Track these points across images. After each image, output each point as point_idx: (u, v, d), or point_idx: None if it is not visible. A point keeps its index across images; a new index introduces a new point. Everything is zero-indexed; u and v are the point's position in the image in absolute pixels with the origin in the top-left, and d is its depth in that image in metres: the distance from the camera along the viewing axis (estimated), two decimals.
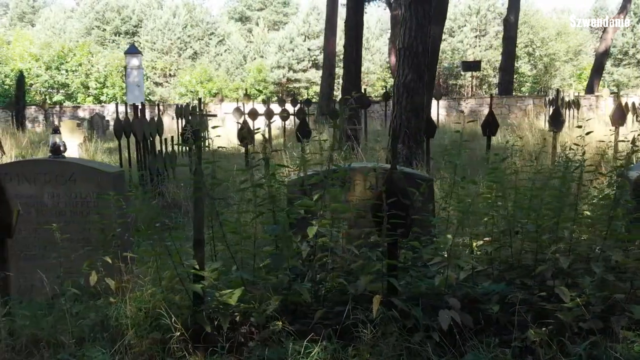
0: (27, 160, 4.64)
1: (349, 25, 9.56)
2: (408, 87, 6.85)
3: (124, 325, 3.06)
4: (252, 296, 2.93)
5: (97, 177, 4.55)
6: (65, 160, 4.64)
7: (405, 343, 2.76)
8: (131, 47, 25.59)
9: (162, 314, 3.03)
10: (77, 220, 4.56)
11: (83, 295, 3.63)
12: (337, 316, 2.98)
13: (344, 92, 9.76)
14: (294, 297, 3.01)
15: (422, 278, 3.07)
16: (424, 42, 6.87)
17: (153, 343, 2.94)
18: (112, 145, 14.09)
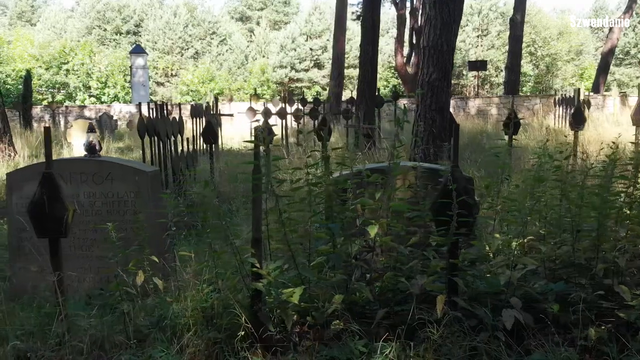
0: (63, 159, 4.61)
1: (366, 25, 9.53)
2: (433, 86, 6.83)
3: (182, 325, 3.04)
4: (313, 295, 2.90)
5: (135, 176, 4.52)
6: (102, 160, 4.60)
7: (472, 343, 2.74)
8: (136, 46, 25.54)
9: (221, 313, 3.01)
10: (113, 220, 4.52)
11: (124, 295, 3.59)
12: (398, 316, 2.97)
13: (360, 92, 9.74)
14: (353, 297, 2.99)
15: (481, 277, 3.05)
16: (449, 40, 6.86)
17: (213, 343, 2.92)
18: (121, 145, 14.06)
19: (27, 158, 10.85)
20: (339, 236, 2.98)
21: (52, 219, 2.98)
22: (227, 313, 2.99)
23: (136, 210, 4.51)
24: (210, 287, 3.12)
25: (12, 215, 4.56)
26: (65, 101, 31.13)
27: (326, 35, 40.56)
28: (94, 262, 4.55)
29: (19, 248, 4.58)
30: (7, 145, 10.93)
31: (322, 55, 40.19)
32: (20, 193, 4.54)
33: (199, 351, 2.90)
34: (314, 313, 2.94)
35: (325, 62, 40.31)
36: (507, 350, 2.75)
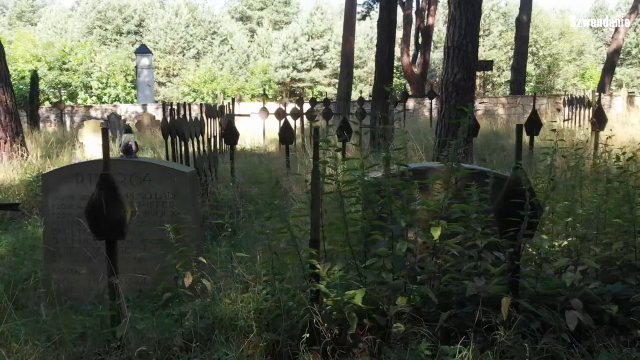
0: (99, 160, 4.56)
1: (382, 25, 9.52)
2: (457, 86, 6.82)
3: (240, 327, 3.02)
4: (375, 297, 2.88)
5: (174, 177, 4.49)
6: (141, 160, 4.58)
7: (539, 345, 2.72)
8: (142, 46, 25.46)
9: (280, 315, 2.99)
10: (151, 221, 4.50)
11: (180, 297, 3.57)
12: (457, 318, 2.95)
13: (376, 92, 9.72)
14: (414, 299, 2.97)
15: (541, 279, 3.03)
16: (474, 40, 6.85)
17: (273, 345, 2.90)
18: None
19: (39, 158, 10.77)
20: (400, 237, 2.96)
21: (110, 220, 2.95)
22: (287, 315, 2.97)
23: (174, 211, 4.49)
24: (267, 289, 3.10)
25: (48, 216, 4.53)
26: (67, 101, 31.02)
27: (328, 35, 40.56)
28: (130, 263, 4.52)
29: (55, 250, 4.55)
30: (20, 145, 10.87)
31: (324, 55, 40.18)
32: (56, 194, 4.51)
33: (259, 353, 2.88)
34: (374, 315, 2.92)
35: (327, 62, 40.30)
36: (572, 352, 2.74)
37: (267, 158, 9.63)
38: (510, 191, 2.86)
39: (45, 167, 10.17)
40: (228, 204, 6.53)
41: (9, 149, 10.69)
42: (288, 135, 7.83)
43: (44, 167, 10.11)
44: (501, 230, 2.91)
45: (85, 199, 4.46)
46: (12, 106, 10.82)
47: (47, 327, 3.05)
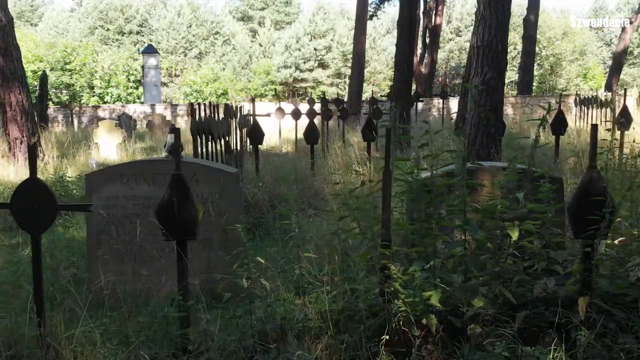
0: (146, 161, 4.55)
1: (402, 24, 9.50)
2: (488, 86, 6.80)
3: (310, 328, 3.00)
4: (455, 299, 2.86)
5: (221, 177, 4.47)
6: (187, 161, 4.55)
7: (618, 344, 2.71)
8: (148, 46, 25.39)
9: (352, 317, 2.97)
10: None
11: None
12: (529, 318, 2.93)
13: (396, 91, 9.71)
14: (490, 300, 2.95)
15: (616, 278, 3.02)
16: (504, 40, 6.84)
17: (345, 346, 2.88)
18: (144, 145, 13.94)
19: (55, 159, 10.71)
20: (479, 238, 2.94)
21: (182, 221, 2.93)
22: (359, 316, 2.95)
23: (221, 211, 4.46)
24: (337, 290, 3.08)
25: (92, 217, 4.49)
26: (68, 101, 30.91)
27: (330, 35, 40.55)
28: (173, 262, 4.49)
29: (98, 251, 4.52)
30: (38, 145, 10.81)
31: (326, 55, 40.17)
32: (99, 194, 4.48)
33: (332, 354, 2.86)
34: (449, 317, 2.90)
35: (330, 62, 40.30)
36: None
37: (286, 158, 9.59)
38: (585, 191, 2.84)
39: (63, 167, 10.13)
40: (257, 204, 6.51)
41: (24, 149, 10.64)
42: (313, 135, 7.81)
43: (61, 168, 10.07)
44: (575, 230, 2.89)
45: (130, 199, 4.48)
46: (28, 106, 10.78)
47: (117, 329, 3.01)
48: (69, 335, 3.05)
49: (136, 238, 4.53)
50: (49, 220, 2.89)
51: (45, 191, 2.84)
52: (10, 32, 10.42)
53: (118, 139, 11.82)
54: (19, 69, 10.61)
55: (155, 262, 4.49)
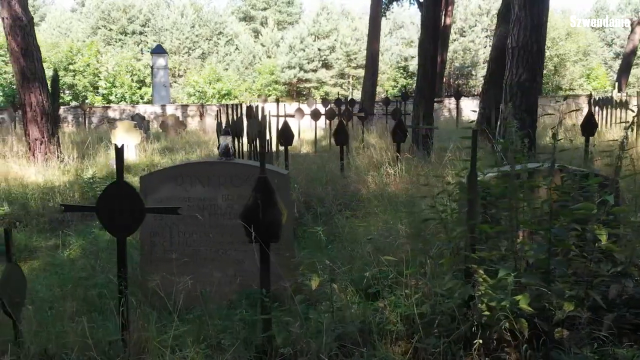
0: (201, 162, 4.53)
1: (426, 25, 9.49)
2: (522, 87, 6.81)
3: (390, 331, 2.98)
4: (546, 302, 2.85)
5: (275, 178, 4.44)
6: (241, 162, 4.53)
7: None
8: (157, 46, 25.31)
9: (435, 320, 2.96)
10: None
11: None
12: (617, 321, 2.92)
13: (419, 91, 9.69)
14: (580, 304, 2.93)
15: None
16: (539, 41, 6.84)
17: (430, 349, 2.86)
18: (159, 146, 13.89)
19: (75, 159, 10.64)
20: (564, 241, 2.92)
21: (266, 224, 2.91)
22: (444, 320, 2.93)
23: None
24: (419, 293, 3.06)
25: (146, 219, 4.46)
26: (71, 102, 30.80)
27: (334, 35, 40.53)
28: (231, 265, 4.47)
29: (151, 253, 4.49)
30: (56, 147, 10.78)
31: (330, 55, 40.15)
32: (154, 196, 4.46)
33: (419, 358, 2.85)
34: (536, 320, 2.89)
35: (334, 63, 40.27)
36: None
37: (308, 159, 9.55)
38: None
39: (83, 168, 10.08)
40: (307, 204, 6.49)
41: (44, 149, 10.61)
42: (342, 135, 7.78)
43: (81, 168, 10.02)
44: None
45: (185, 200, 4.45)
46: (48, 107, 10.74)
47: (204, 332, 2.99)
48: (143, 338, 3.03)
49: (190, 239, 4.51)
50: (136, 223, 2.86)
51: (132, 194, 2.82)
52: (30, 32, 10.37)
53: (136, 140, 11.77)
54: (39, 70, 10.56)
55: (209, 264, 4.47)
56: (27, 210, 7.15)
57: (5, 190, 7.89)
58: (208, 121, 16.55)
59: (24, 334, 2.97)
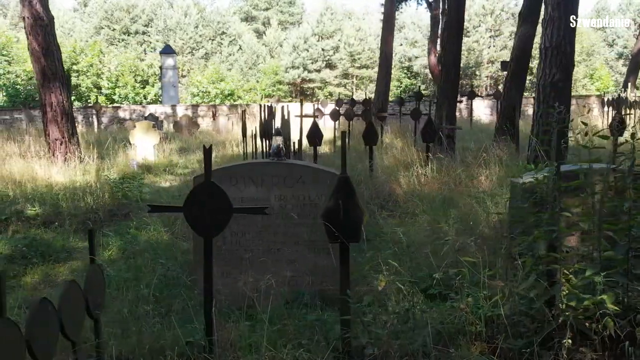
0: (255, 163, 4.52)
1: (450, 25, 9.50)
2: (556, 87, 6.81)
3: (471, 332, 2.98)
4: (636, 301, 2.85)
5: (328, 178, 4.44)
6: (294, 163, 4.53)
7: None
8: (166, 47, 25.27)
9: (519, 321, 2.95)
10: (304, 223, 4.45)
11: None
12: None
13: (442, 91, 9.70)
14: None
15: None
16: (572, 42, 6.86)
17: (516, 351, 2.86)
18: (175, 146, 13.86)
19: (95, 160, 10.58)
20: None
21: (347, 224, 2.90)
22: (527, 321, 2.93)
23: None
24: (500, 294, 3.06)
25: None
26: (75, 102, 30.69)
27: (338, 35, 40.54)
28: (284, 265, 4.47)
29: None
30: (76, 147, 10.75)
31: (334, 55, 40.16)
32: None
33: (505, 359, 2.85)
34: (619, 320, 2.89)
35: (337, 63, 40.28)
36: None
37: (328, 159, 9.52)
38: None
39: (104, 168, 10.05)
40: None
41: (64, 150, 10.57)
42: (372, 136, 7.79)
43: (102, 168, 9.99)
44: None
45: (238, 201, 4.43)
46: (69, 107, 10.71)
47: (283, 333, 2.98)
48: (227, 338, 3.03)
49: (243, 239, 4.50)
50: (223, 224, 2.85)
51: (220, 194, 2.81)
52: (51, 32, 10.35)
53: (155, 140, 11.75)
54: (59, 69, 10.54)
55: (261, 264, 4.46)
56: (58, 211, 7.13)
57: (34, 191, 7.87)
58: (221, 121, 16.54)
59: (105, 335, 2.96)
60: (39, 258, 5.70)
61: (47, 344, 2.34)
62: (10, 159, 10.51)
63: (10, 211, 7.09)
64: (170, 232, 6.21)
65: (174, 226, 6.28)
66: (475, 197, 5.65)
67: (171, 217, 6.54)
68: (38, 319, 2.29)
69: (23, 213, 7.10)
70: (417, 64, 39.31)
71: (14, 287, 5.23)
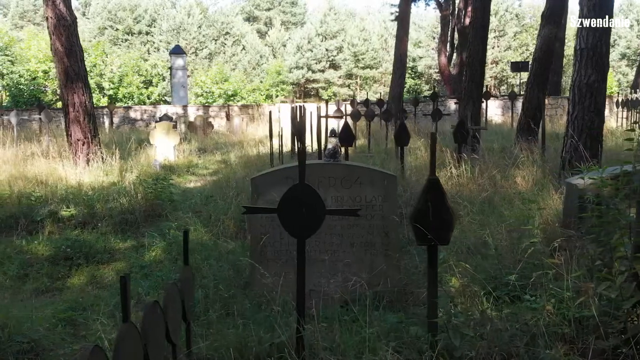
0: (312, 164, 4.52)
1: (476, 26, 9.53)
2: (591, 88, 6.83)
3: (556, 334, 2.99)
4: None
5: (384, 179, 4.45)
6: (351, 164, 4.54)
7: None
8: (176, 47, 25.23)
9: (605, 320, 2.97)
10: (361, 225, 4.46)
11: None
12: None
13: (467, 91, 9.71)
14: None
15: None
16: (607, 43, 6.88)
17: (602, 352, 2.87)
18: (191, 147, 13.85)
19: (117, 161, 10.53)
20: None
21: (436, 226, 2.90)
22: (616, 322, 2.95)
23: (384, 214, 4.45)
24: (583, 297, 3.07)
25: (256, 220, 4.47)
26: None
27: (341, 35, 40.57)
28: (339, 266, 4.48)
29: (262, 253, 4.49)
30: (98, 147, 10.72)
31: (338, 56, 40.19)
32: (265, 197, 4.46)
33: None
34: None
35: (341, 63, 40.30)
36: None
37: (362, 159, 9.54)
38: None
39: (126, 168, 10.03)
40: None
41: (87, 150, 10.53)
42: (404, 137, 7.79)
43: (125, 169, 9.98)
44: None
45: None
46: (91, 107, 10.68)
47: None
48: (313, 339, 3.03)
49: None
50: (316, 225, 2.86)
51: (313, 195, 2.82)
52: (74, 32, 10.32)
53: (175, 141, 11.74)
54: (82, 70, 10.51)
55: (318, 265, 4.47)
56: (93, 212, 7.11)
57: (65, 192, 7.85)
58: (236, 122, 16.52)
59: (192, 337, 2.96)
60: (83, 259, 5.69)
61: (158, 346, 2.35)
62: (32, 160, 10.50)
63: (44, 212, 7.06)
64: (210, 232, 6.21)
65: (214, 227, 6.28)
66: (522, 198, 5.67)
67: (211, 218, 6.55)
68: (151, 322, 2.30)
69: (57, 214, 7.08)
70: (421, 64, 39.36)
71: (62, 289, 5.23)
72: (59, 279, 5.41)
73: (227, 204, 6.87)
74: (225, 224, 6.33)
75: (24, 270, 5.54)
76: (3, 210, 7.40)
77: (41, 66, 32.81)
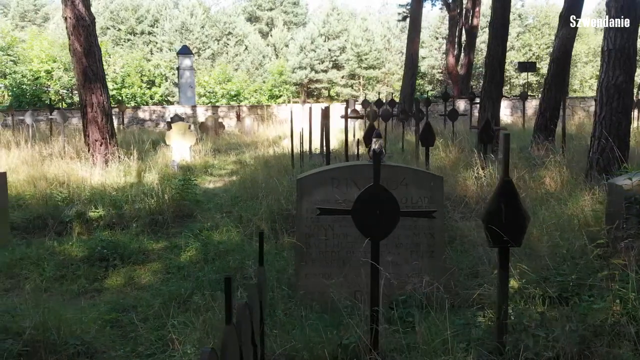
0: (357, 165, 4.54)
1: (495, 26, 9.54)
2: (619, 89, 6.85)
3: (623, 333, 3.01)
4: None
5: (430, 181, 4.46)
6: (396, 165, 4.55)
7: None
8: (183, 47, 25.19)
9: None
10: (406, 226, 4.47)
11: None
12: None
13: (486, 92, 9.73)
14: None
15: None
16: (635, 44, 6.91)
17: None
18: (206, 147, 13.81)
19: (135, 161, 10.52)
20: None
21: (509, 227, 2.92)
22: None
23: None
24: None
25: (302, 220, 4.47)
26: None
27: (344, 35, 40.57)
28: (386, 268, 4.48)
29: (307, 254, 4.50)
30: (116, 147, 10.72)
31: (341, 56, 40.19)
32: (310, 198, 4.47)
33: None
34: None
35: (344, 63, 40.30)
36: None
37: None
38: None
39: (145, 168, 10.02)
40: None
41: (104, 151, 10.53)
42: (429, 136, 7.81)
43: (143, 169, 9.97)
44: None
45: (341, 203, 4.45)
46: (108, 107, 10.68)
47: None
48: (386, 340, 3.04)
49: (345, 241, 4.52)
50: (391, 226, 2.87)
51: (388, 197, 2.83)
52: (93, 32, 10.32)
53: (191, 141, 11.74)
54: (100, 70, 10.51)
55: (361, 266, 4.48)
56: (121, 213, 7.11)
57: (91, 193, 7.85)
58: (247, 122, 16.49)
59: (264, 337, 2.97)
60: (119, 260, 5.69)
61: (248, 348, 2.36)
62: (50, 161, 10.48)
63: (72, 213, 7.06)
64: (243, 233, 6.21)
65: (246, 227, 6.28)
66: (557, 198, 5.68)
67: (242, 218, 6.55)
68: (241, 324, 2.31)
69: (85, 215, 7.08)
70: (424, 65, 39.38)
71: (100, 290, 5.22)
72: (96, 280, 5.41)
73: (257, 204, 6.87)
74: (257, 224, 6.33)
75: (60, 271, 5.52)
76: (29, 211, 7.39)
77: (43, 66, 32.77)
